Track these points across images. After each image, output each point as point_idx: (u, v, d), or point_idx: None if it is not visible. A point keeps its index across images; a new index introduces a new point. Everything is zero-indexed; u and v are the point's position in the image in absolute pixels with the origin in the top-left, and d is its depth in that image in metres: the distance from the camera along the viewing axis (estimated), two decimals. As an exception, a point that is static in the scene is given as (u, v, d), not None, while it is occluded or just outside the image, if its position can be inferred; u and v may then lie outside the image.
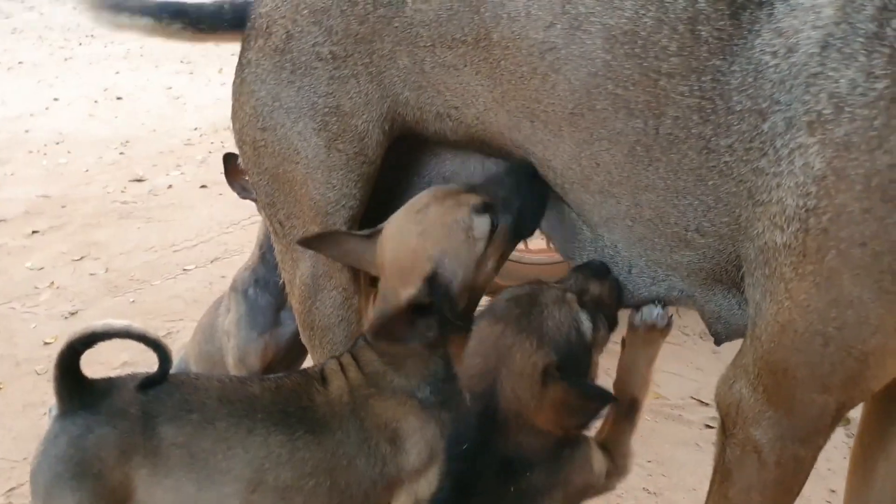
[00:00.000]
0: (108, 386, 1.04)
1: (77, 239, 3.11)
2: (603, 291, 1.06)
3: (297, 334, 1.37)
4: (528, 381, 0.95)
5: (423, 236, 1.04)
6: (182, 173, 3.96)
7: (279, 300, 1.53)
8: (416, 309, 1.01)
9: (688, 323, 2.15)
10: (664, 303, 1.07)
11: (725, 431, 0.96)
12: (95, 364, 2.14)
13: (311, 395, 1.07)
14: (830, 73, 0.77)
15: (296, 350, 1.56)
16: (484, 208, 1.05)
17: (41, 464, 1.00)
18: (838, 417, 0.90)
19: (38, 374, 2.14)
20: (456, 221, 1.04)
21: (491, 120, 1.06)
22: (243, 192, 1.58)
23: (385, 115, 1.11)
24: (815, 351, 0.82)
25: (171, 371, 1.72)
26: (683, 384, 1.93)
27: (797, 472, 0.93)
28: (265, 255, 1.60)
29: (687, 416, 1.83)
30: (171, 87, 5.97)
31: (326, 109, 1.10)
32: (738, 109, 0.85)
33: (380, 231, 1.10)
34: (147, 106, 5.58)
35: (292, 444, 1.02)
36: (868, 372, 0.83)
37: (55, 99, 5.69)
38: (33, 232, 3.21)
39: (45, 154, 4.40)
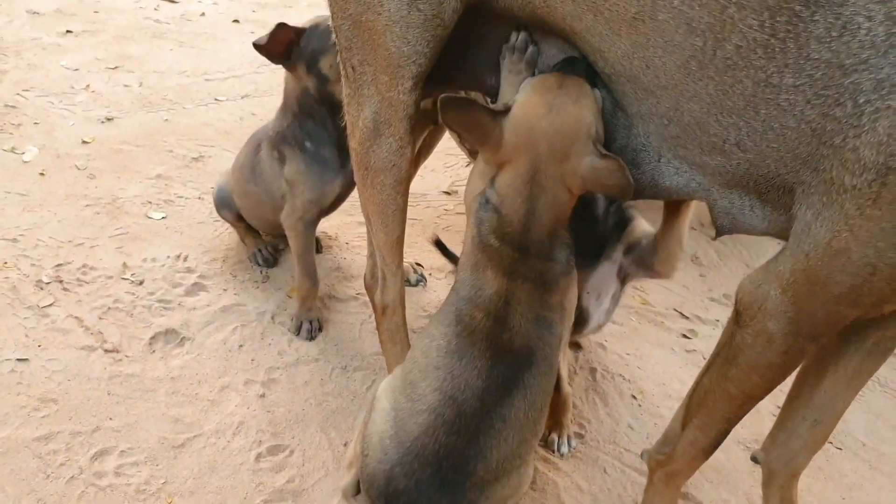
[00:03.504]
0: None
1: (111, 49, 3.09)
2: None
3: None
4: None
5: (578, 104, 1.11)
6: (215, 3, 3.88)
7: (341, 148, 1.64)
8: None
9: (681, 245, 2.33)
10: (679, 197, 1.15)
11: (739, 322, 1.04)
12: (132, 171, 2.28)
13: (506, 341, 1.11)
14: None
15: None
16: (593, 85, 1.15)
17: None
18: (848, 325, 0.98)
19: (78, 168, 2.21)
20: (590, 92, 1.13)
21: (556, 5, 1.10)
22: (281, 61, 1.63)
23: (464, -15, 1.15)
24: (860, 276, 0.89)
25: (214, 194, 1.94)
26: (669, 297, 2.07)
27: (797, 361, 1.03)
28: (297, 115, 1.68)
29: (668, 324, 1.97)
30: None
31: (413, -31, 1.14)
32: (815, 57, 0.88)
33: (507, 111, 1.15)
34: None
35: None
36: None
37: None
38: (67, 31, 3.19)
39: (72, -47, 4.27)
